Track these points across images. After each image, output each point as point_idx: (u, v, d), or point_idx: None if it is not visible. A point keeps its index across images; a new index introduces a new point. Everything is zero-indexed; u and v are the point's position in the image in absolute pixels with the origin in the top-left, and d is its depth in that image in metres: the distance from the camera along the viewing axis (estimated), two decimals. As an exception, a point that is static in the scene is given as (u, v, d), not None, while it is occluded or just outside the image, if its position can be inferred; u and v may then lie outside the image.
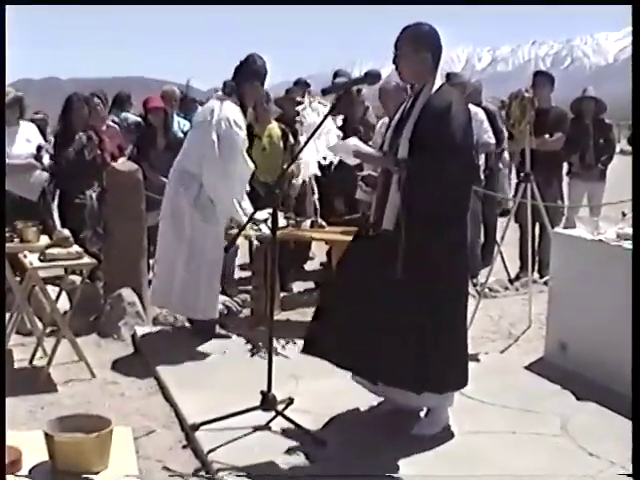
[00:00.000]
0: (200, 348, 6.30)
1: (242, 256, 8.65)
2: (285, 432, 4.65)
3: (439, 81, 4.61)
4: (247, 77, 6.35)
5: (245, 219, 5.80)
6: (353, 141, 4.84)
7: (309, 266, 9.72)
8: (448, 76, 8.15)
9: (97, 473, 3.52)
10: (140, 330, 6.79)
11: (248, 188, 6.52)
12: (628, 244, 5.41)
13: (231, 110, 6.29)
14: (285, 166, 6.36)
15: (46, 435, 3.47)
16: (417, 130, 4.46)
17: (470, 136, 4.67)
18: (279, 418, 4.71)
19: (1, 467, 3.32)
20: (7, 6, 5.49)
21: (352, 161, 4.87)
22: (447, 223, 4.46)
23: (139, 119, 9.67)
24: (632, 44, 2.63)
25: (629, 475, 2.14)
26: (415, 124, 4.48)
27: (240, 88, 6.36)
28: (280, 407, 4.77)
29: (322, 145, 6.68)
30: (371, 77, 4.71)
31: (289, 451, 4.45)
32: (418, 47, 4.57)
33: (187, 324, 6.85)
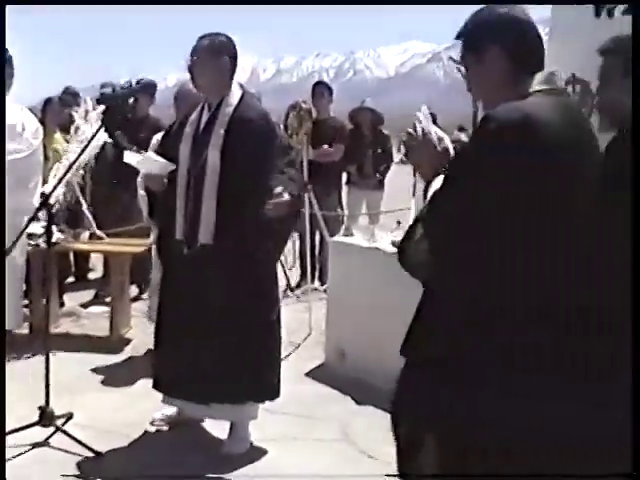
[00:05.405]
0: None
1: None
2: (65, 448, 4.52)
3: (238, 91, 4.58)
4: None
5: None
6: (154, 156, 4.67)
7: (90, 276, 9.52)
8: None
9: None
10: None
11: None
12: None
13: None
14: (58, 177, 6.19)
15: None
16: (230, 141, 4.42)
17: None
18: (59, 433, 4.59)
19: (1, 464, 3.16)
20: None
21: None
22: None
23: None
24: (632, 44, 2.74)
25: (629, 475, 2.18)
26: (226, 134, 4.44)
27: None
28: (59, 422, 4.66)
29: None
30: (147, 87, 4.65)
31: (69, 468, 4.34)
32: (215, 55, 4.46)
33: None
